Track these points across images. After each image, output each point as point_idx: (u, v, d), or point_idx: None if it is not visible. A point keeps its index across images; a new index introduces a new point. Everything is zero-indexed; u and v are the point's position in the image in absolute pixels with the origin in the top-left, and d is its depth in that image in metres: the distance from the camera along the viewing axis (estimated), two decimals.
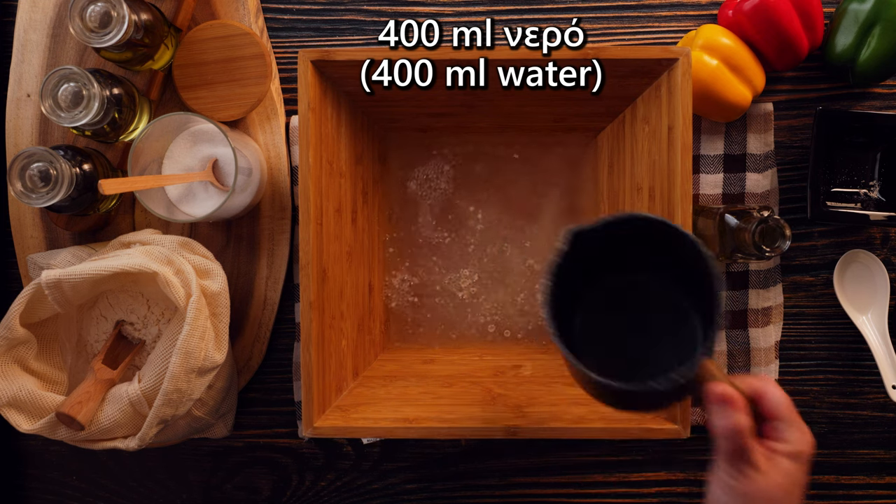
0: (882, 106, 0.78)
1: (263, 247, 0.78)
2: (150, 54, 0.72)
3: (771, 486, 0.49)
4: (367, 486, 0.81)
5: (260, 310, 0.79)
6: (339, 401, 0.68)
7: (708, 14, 0.78)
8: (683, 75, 0.63)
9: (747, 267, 0.77)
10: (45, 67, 0.77)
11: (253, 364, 0.80)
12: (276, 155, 0.78)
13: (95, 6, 0.66)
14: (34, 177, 0.67)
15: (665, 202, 0.65)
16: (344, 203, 0.70)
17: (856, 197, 0.77)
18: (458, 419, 0.65)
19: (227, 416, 0.78)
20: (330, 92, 0.67)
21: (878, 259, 0.77)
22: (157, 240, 0.71)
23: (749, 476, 0.49)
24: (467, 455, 0.81)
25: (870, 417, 0.79)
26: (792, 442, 0.49)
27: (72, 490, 0.82)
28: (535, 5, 0.78)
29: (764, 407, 0.50)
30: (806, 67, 0.78)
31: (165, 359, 0.67)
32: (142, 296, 0.73)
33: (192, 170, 0.73)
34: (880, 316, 0.77)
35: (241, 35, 0.74)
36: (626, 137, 0.72)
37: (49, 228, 0.78)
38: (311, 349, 0.64)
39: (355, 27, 0.79)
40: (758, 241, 0.63)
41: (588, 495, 0.81)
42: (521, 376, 0.73)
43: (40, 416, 0.68)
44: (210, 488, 0.82)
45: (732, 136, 0.77)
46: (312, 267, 0.64)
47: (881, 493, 0.80)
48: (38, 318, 0.70)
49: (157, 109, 0.77)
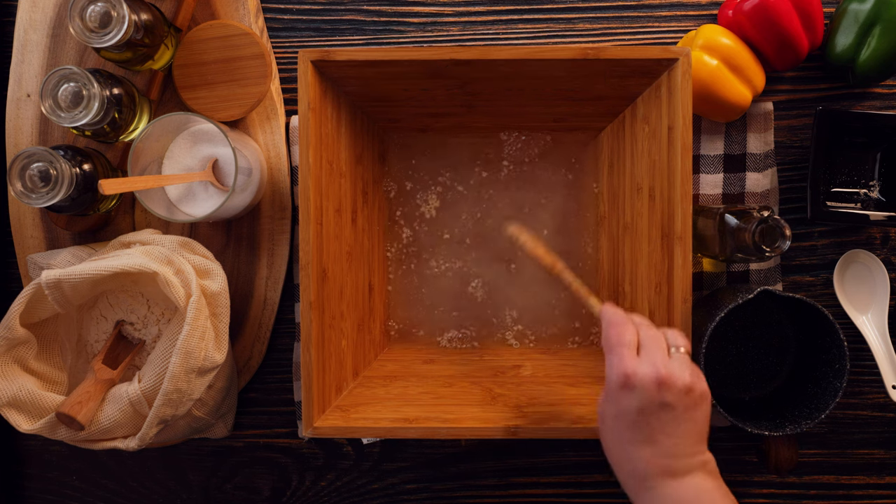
0: (882, 106, 0.78)
1: (263, 247, 0.78)
2: (150, 54, 0.72)
3: (598, 408, 0.56)
4: (367, 486, 0.81)
5: (260, 310, 0.79)
6: (339, 401, 0.68)
7: (708, 14, 0.78)
8: (683, 75, 0.62)
9: (747, 267, 0.78)
10: (45, 67, 0.77)
11: (253, 364, 0.80)
12: (276, 155, 0.78)
13: (95, 6, 0.66)
14: (34, 177, 0.67)
15: (665, 202, 0.65)
16: (344, 203, 0.70)
17: (856, 197, 0.77)
18: (458, 419, 0.65)
19: (227, 416, 0.78)
20: (330, 92, 0.67)
21: (878, 259, 0.77)
22: (157, 240, 0.71)
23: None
24: (467, 455, 0.81)
25: (870, 417, 0.79)
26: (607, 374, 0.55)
27: (72, 490, 0.82)
28: (535, 5, 0.78)
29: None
30: (806, 67, 0.78)
31: (165, 359, 0.67)
32: (142, 296, 0.73)
33: (192, 170, 0.73)
34: (880, 316, 0.77)
35: (241, 35, 0.74)
36: (626, 137, 0.72)
37: (49, 228, 0.78)
38: (311, 349, 0.64)
39: (355, 27, 0.79)
40: (758, 241, 0.63)
41: (588, 495, 0.81)
42: (521, 376, 0.73)
43: (40, 416, 0.68)
44: (210, 488, 0.82)
45: (732, 135, 0.77)
46: (312, 267, 0.64)
47: (881, 493, 0.80)
48: (38, 318, 0.70)
49: (157, 109, 0.77)
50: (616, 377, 0.53)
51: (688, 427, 0.53)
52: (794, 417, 0.69)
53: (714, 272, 0.78)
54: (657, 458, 0.52)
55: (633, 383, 0.53)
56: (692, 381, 0.53)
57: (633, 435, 0.53)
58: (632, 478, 0.54)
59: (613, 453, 0.55)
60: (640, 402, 0.53)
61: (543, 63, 0.63)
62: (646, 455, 0.53)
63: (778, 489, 0.80)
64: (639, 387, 0.53)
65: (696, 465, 0.53)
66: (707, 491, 0.52)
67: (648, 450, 0.53)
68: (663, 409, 0.52)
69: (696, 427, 0.53)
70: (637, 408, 0.53)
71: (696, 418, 0.53)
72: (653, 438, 0.53)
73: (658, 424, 0.53)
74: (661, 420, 0.52)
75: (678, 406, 0.53)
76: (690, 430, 0.53)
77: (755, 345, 0.77)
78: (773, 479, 0.80)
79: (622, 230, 0.73)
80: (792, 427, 0.68)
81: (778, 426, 0.68)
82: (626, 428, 0.53)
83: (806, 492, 0.80)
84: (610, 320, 0.56)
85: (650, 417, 0.53)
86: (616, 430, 0.54)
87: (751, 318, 0.77)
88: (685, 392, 0.53)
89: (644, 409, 0.53)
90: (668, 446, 0.52)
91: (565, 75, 0.65)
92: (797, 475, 0.80)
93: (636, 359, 0.54)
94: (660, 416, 0.52)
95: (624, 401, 0.53)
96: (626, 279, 0.72)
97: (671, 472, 0.53)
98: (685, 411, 0.53)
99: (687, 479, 0.52)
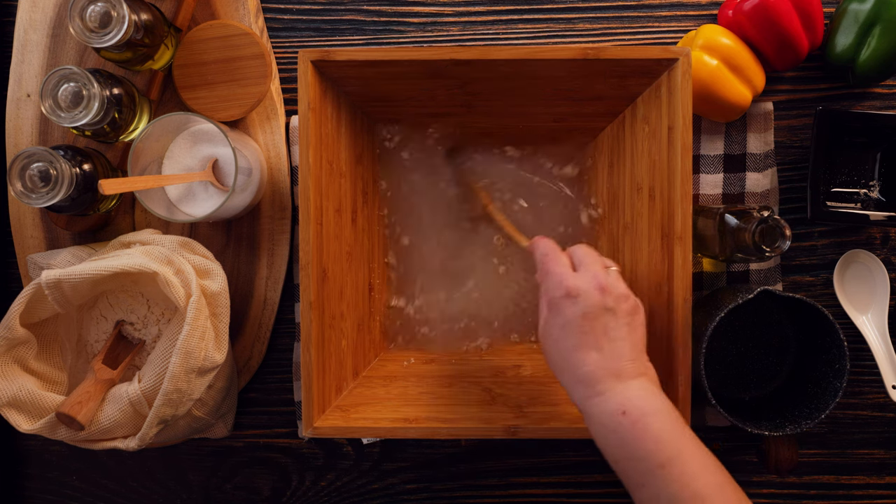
0: (882, 106, 0.78)
1: (263, 247, 0.78)
2: (150, 54, 0.72)
3: (539, 329, 0.59)
4: (367, 486, 0.81)
5: (260, 310, 0.79)
6: (339, 401, 0.68)
7: (708, 14, 0.78)
8: (683, 75, 0.62)
9: (747, 267, 0.78)
10: (45, 67, 0.77)
11: (253, 364, 0.80)
12: (276, 155, 0.78)
13: (95, 6, 0.66)
14: (34, 177, 0.67)
15: (665, 202, 0.65)
16: (344, 203, 0.70)
17: (856, 197, 0.77)
18: (458, 419, 0.65)
19: (227, 416, 0.78)
20: (330, 92, 0.67)
21: (878, 259, 0.77)
22: (157, 240, 0.71)
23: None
24: (467, 455, 0.81)
25: (870, 417, 0.79)
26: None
27: (72, 490, 0.82)
28: (535, 5, 0.78)
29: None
30: (806, 67, 0.78)
31: (165, 359, 0.67)
32: (142, 296, 0.73)
33: (192, 170, 0.73)
34: (880, 316, 0.77)
35: (241, 35, 0.74)
36: (626, 137, 0.72)
37: (49, 228, 0.78)
38: (311, 349, 0.64)
39: (355, 27, 0.79)
40: (758, 241, 0.64)
41: (588, 495, 0.81)
42: (521, 376, 0.73)
43: (40, 416, 0.68)
44: (210, 488, 0.82)
45: (732, 135, 0.77)
46: (312, 267, 0.64)
47: (881, 493, 0.80)
48: (38, 318, 0.70)
49: (157, 109, 0.77)
50: (559, 291, 0.57)
51: (628, 332, 0.56)
52: (794, 417, 0.69)
53: (714, 272, 0.78)
54: (604, 361, 0.55)
55: (576, 292, 0.56)
56: (627, 291, 0.58)
57: (579, 340, 0.56)
58: (580, 384, 0.56)
59: (561, 364, 0.57)
60: (585, 307, 0.56)
61: (543, 63, 0.63)
62: (593, 359, 0.55)
63: (778, 489, 0.80)
64: (582, 294, 0.56)
65: (640, 369, 0.56)
66: (653, 393, 0.55)
67: (595, 354, 0.55)
68: (606, 313, 0.56)
69: (636, 333, 0.57)
70: (582, 313, 0.56)
71: (635, 324, 0.57)
72: (598, 343, 0.56)
73: (601, 328, 0.56)
74: (605, 323, 0.56)
75: (618, 311, 0.56)
76: (631, 335, 0.56)
77: (755, 345, 0.77)
78: (773, 479, 0.80)
79: (622, 230, 0.73)
80: (792, 427, 0.68)
81: (778, 426, 0.68)
82: (572, 334, 0.56)
83: (806, 492, 0.80)
84: (543, 251, 0.61)
85: (594, 322, 0.56)
86: (563, 340, 0.56)
87: (751, 318, 0.77)
88: (623, 298, 0.57)
89: (588, 313, 0.56)
90: (613, 350, 0.55)
91: (565, 75, 0.65)
92: (797, 475, 0.80)
93: (575, 274, 0.58)
94: (603, 319, 0.56)
95: (569, 310, 0.56)
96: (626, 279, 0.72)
97: (618, 374, 0.55)
98: (625, 316, 0.56)
99: (634, 382, 0.55)
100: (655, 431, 0.52)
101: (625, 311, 0.57)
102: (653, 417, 0.53)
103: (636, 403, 0.54)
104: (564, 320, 0.56)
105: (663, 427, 0.53)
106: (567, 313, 0.56)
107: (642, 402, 0.54)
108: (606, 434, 0.54)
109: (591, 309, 0.56)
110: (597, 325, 0.56)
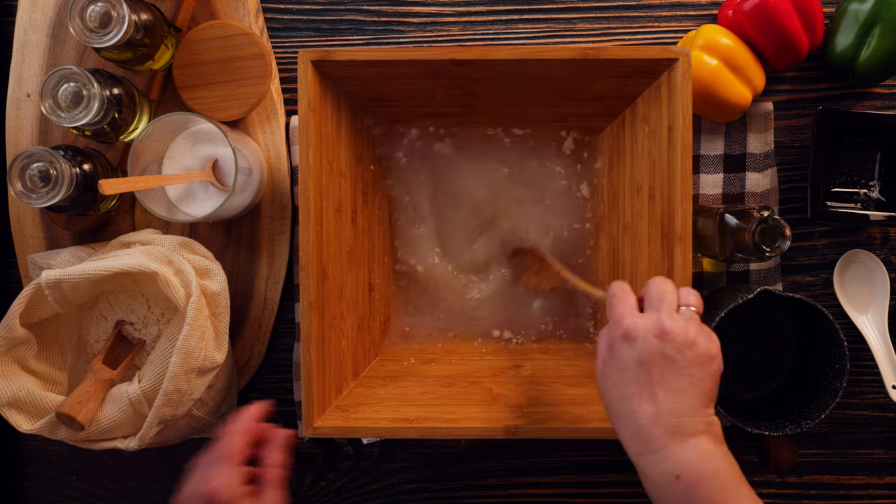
0: (882, 106, 0.78)
1: (263, 247, 0.78)
2: (150, 54, 0.72)
3: (597, 371, 0.56)
4: (367, 486, 0.81)
5: (260, 310, 0.79)
6: (339, 401, 0.68)
7: (708, 14, 0.78)
8: (683, 75, 0.62)
9: (747, 267, 0.78)
10: (45, 67, 0.77)
11: (253, 364, 0.80)
12: (276, 155, 0.78)
13: (95, 6, 0.66)
14: (34, 177, 0.67)
15: (665, 202, 0.65)
16: (344, 203, 0.70)
17: (856, 197, 0.77)
18: (458, 419, 0.65)
19: (227, 417, 0.78)
20: (330, 92, 0.67)
21: (878, 259, 0.77)
22: (157, 240, 0.71)
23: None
24: (467, 455, 0.81)
25: (870, 417, 0.79)
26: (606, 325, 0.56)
27: (72, 490, 0.82)
28: (535, 5, 0.78)
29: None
30: (806, 67, 0.78)
31: (165, 359, 0.67)
32: (142, 296, 0.73)
33: (192, 170, 0.73)
34: (880, 316, 0.77)
35: (241, 35, 0.74)
36: (626, 137, 0.72)
37: (49, 228, 0.78)
38: (311, 349, 0.64)
39: (355, 27, 0.79)
40: (758, 241, 0.64)
41: (588, 495, 0.81)
42: (521, 376, 0.73)
43: (40, 416, 0.68)
44: None
45: (732, 135, 0.77)
46: (312, 267, 0.64)
47: (881, 493, 0.80)
48: (38, 318, 0.70)
49: (157, 109, 0.77)
50: (618, 331, 0.53)
51: (689, 383, 0.51)
52: (794, 417, 0.69)
53: (714, 272, 0.78)
54: (660, 415, 0.51)
55: (634, 336, 0.52)
56: (696, 337, 0.52)
57: (633, 389, 0.52)
58: (634, 436, 0.52)
59: (616, 410, 0.53)
60: (640, 353, 0.52)
61: (543, 63, 0.63)
62: (647, 411, 0.51)
63: (778, 489, 0.80)
64: (640, 338, 0.52)
65: (700, 426, 0.51)
66: (711, 454, 0.50)
67: (649, 406, 0.51)
68: (664, 361, 0.51)
69: (698, 385, 0.51)
70: (637, 359, 0.52)
71: (698, 375, 0.51)
72: (653, 394, 0.51)
73: (658, 377, 0.51)
74: (662, 372, 0.51)
75: (679, 359, 0.51)
76: (691, 387, 0.51)
77: (755, 345, 0.77)
78: (773, 479, 0.80)
79: (622, 230, 0.73)
80: (792, 427, 0.68)
81: (778, 426, 0.68)
82: (627, 382, 0.52)
83: (806, 492, 0.80)
84: (612, 292, 0.57)
85: (651, 370, 0.51)
86: (620, 386, 0.53)
87: (751, 318, 0.77)
88: (687, 346, 0.51)
89: (644, 360, 0.52)
90: (670, 403, 0.51)
91: (565, 75, 0.65)
92: (797, 475, 0.80)
93: (638, 315, 0.54)
94: (661, 367, 0.51)
95: (625, 353, 0.52)
96: (627, 279, 0.72)
97: (674, 431, 0.51)
98: (687, 366, 0.51)
99: (691, 441, 0.50)
100: (710, 497, 0.49)
101: (689, 361, 0.51)
102: (709, 482, 0.49)
103: (692, 466, 0.50)
104: (621, 364, 0.53)
105: (719, 493, 0.49)
106: (623, 357, 0.53)
107: (698, 463, 0.50)
108: (661, 493, 0.51)
109: (647, 356, 0.52)
110: (653, 373, 0.51)
